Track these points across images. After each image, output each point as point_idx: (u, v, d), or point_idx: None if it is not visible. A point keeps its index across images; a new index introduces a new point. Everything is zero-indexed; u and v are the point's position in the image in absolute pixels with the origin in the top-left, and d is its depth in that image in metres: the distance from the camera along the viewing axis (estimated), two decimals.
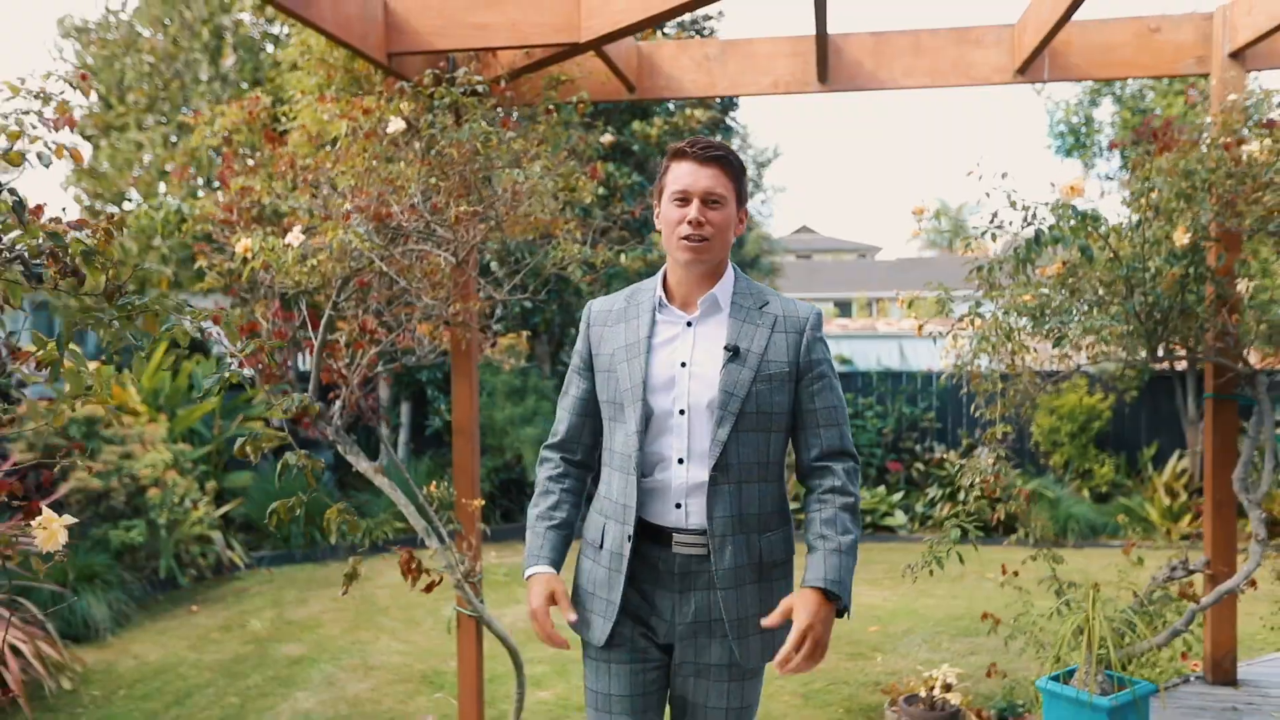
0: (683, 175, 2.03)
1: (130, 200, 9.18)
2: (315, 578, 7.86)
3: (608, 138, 4.59)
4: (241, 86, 9.08)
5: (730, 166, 2.05)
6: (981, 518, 3.57)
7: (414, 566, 3.45)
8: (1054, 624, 3.81)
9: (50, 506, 5.54)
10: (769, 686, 5.31)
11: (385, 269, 3.47)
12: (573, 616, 2.06)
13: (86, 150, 9.60)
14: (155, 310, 1.53)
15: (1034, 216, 3.48)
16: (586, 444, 2.21)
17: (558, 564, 2.13)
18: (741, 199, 2.10)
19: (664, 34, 7.72)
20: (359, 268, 3.41)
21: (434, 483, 3.90)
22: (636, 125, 8.81)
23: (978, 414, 3.81)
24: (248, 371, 3.41)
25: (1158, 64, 4.03)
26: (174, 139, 8.92)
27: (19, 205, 1.47)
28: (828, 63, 3.99)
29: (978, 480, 3.47)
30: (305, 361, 8.59)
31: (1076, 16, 4.02)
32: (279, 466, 3.22)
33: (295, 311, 3.76)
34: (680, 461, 2.03)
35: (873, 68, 4.18)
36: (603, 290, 8.03)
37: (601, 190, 8.41)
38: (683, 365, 2.05)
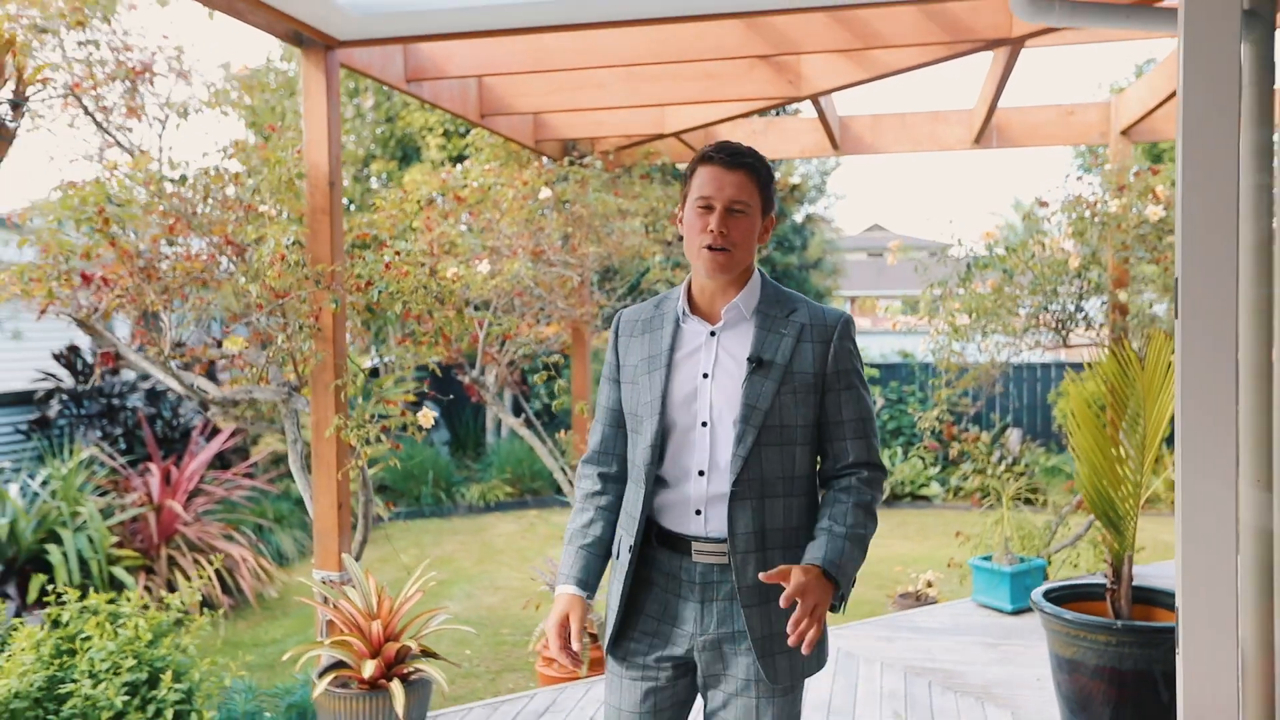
0: (708, 181, 2.02)
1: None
2: (444, 528, 10.14)
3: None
4: (375, 123, 11.41)
5: (757, 173, 2.04)
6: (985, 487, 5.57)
7: None
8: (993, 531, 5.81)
9: (247, 465, 8.10)
10: None
11: (534, 286, 5.61)
12: (576, 647, 2.11)
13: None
14: (456, 321, 3.66)
15: (970, 251, 5.48)
16: (620, 454, 2.20)
17: (587, 585, 2.15)
18: (768, 206, 2.09)
19: None
20: (518, 285, 5.55)
21: (563, 430, 6.01)
22: None
23: (942, 385, 5.80)
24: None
25: (1073, 137, 5.97)
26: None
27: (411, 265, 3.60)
28: (836, 136, 6.02)
29: (926, 428, 5.48)
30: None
31: (1015, 104, 6.00)
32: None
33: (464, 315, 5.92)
34: (701, 474, 2.03)
35: (871, 139, 6.20)
36: None
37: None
38: (705, 377, 2.05)
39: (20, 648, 3.76)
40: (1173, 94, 5.15)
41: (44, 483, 7.57)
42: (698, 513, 2.04)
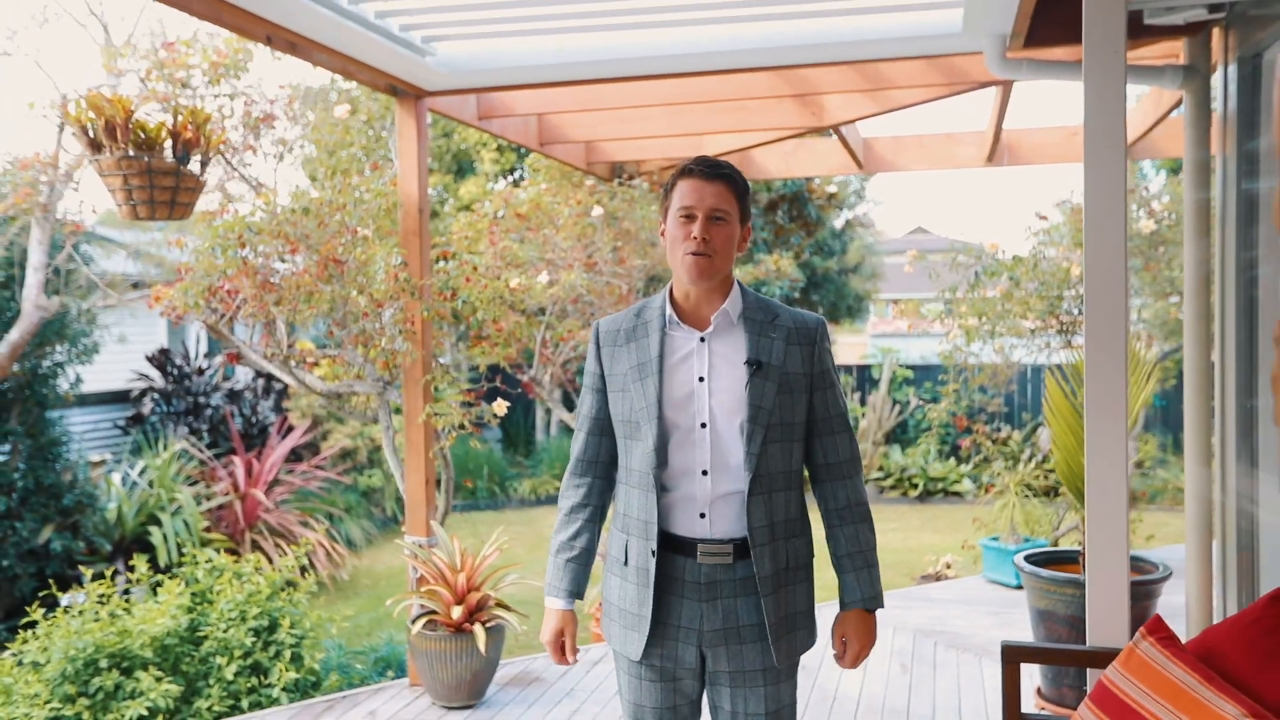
0: (689, 192, 2.15)
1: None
2: (497, 519, 10.96)
3: None
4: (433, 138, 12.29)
5: (734, 184, 2.18)
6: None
7: None
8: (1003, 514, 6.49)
9: (319, 459, 9.03)
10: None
11: (587, 294, 6.38)
12: (574, 661, 2.34)
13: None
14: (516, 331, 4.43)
15: (978, 259, 6.17)
16: (604, 462, 2.34)
17: (575, 594, 2.31)
18: (745, 216, 2.22)
19: None
20: (573, 293, 6.32)
21: None
22: None
23: (952, 381, 6.49)
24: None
25: (1077, 155, 6.62)
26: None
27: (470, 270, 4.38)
28: (860, 157, 6.73)
29: (936, 421, 6.17)
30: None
31: (1024, 125, 6.67)
32: None
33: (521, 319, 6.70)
34: (704, 474, 2.16)
35: (893, 158, 6.90)
36: None
37: None
38: (700, 380, 2.18)
39: (167, 597, 4.61)
40: (1163, 116, 5.81)
41: (141, 473, 8.51)
42: (701, 515, 2.17)
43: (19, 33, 7.79)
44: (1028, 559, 4.36)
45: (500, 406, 4.65)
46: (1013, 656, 2.76)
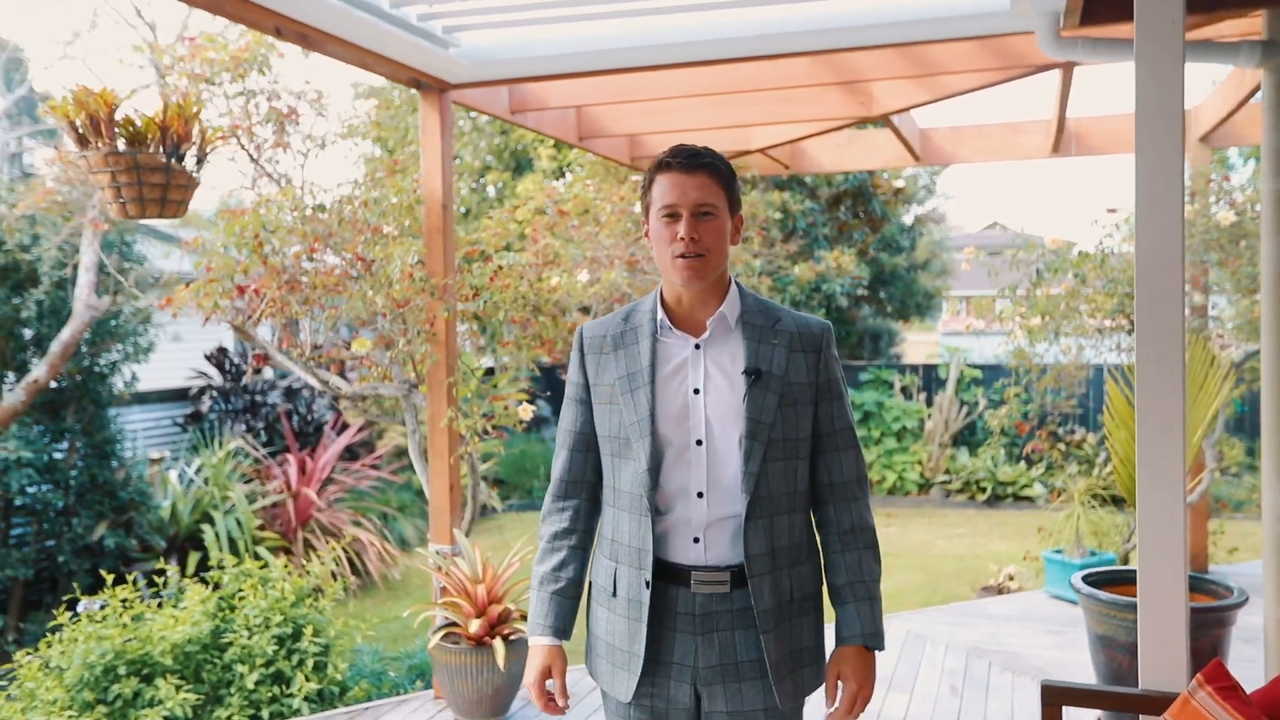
0: (669, 189, 1.96)
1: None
2: None
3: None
4: (487, 133, 12.21)
5: (718, 173, 1.98)
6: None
7: None
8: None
9: (374, 458, 8.92)
10: (906, 577, 7.67)
11: (630, 292, 6.16)
12: (563, 703, 2.08)
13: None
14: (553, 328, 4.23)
15: (1041, 257, 5.80)
16: (590, 481, 2.14)
17: (562, 631, 2.10)
18: (735, 205, 2.04)
19: None
20: (615, 291, 6.11)
21: None
22: None
23: (1013, 384, 6.12)
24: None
25: None
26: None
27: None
28: (916, 149, 6.39)
29: (997, 426, 5.81)
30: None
31: (1094, 112, 6.27)
32: None
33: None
34: (700, 495, 1.97)
35: (952, 149, 6.55)
36: (775, 296, 10.61)
37: (779, 215, 10.98)
38: (696, 392, 1.99)
39: (191, 603, 4.52)
40: (1244, 99, 5.38)
41: (198, 470, 8.54)
42: (695, 540, 1.98)
43: (79, 36, 7.85)
44: (1087, 579, 4.02)
45: (526, 410, 4.46)
46: (1054, 698, 2.47)
